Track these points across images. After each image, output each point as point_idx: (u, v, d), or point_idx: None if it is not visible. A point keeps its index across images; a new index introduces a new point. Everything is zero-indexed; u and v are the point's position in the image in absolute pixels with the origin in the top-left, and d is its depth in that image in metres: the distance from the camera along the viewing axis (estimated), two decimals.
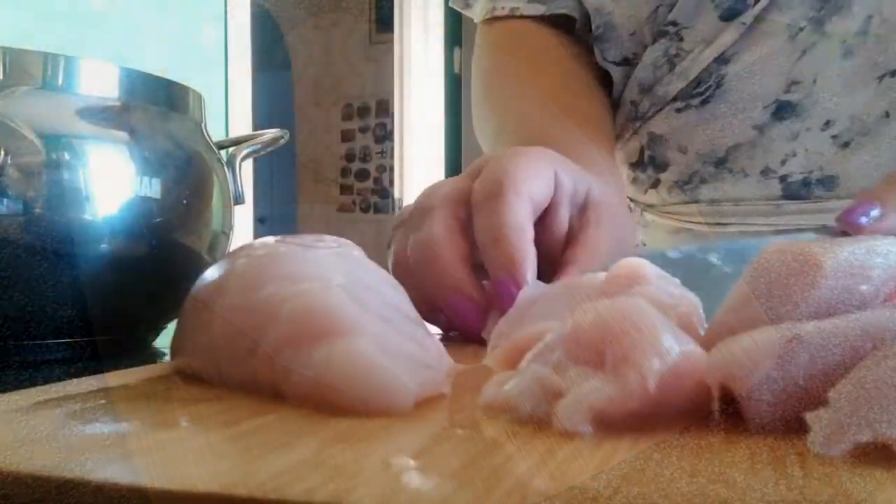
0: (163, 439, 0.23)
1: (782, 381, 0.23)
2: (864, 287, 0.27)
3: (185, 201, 0.50)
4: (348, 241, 0.37)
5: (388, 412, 0.25)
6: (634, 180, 0.74)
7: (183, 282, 0.36)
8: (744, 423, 0.24)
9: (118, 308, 0.49)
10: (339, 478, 0.19)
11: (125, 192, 0.45)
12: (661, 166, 0.71)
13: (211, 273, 0.34)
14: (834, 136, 0.62)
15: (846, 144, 0.62)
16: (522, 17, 0.70)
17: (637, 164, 0.73)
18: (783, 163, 0.64)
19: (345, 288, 0.30)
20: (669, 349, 0.24)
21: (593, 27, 0.69)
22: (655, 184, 0.72)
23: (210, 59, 2.36)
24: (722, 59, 0.63)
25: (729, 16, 0.62)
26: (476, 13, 0.76)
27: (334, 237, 0.37)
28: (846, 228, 0.43)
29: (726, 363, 0.24)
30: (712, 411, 0.24)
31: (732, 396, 0.24)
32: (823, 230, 0.62)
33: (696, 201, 0.69)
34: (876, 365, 0.22)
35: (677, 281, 0.34)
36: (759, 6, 0.61)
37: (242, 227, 2.38)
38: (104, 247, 0.45)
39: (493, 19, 0.73)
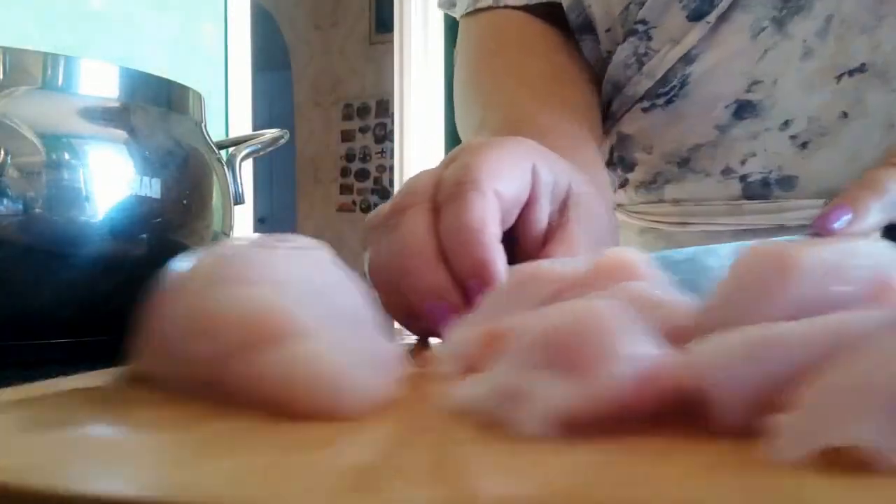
0: (110, 443, 0.23)
1: (752, 383, 0.23)
2: (842, 289, 0.26)
3: (184, 201, 0.50)
4: (317, 242, 0.36)
5: (339, 415, 0.25)
6: None
7: None
8: (714, 426, 0.23)
9: (118, 308, 0.49)
10: (287, 484, 0.18)
11: (125, 192, 0.45)
12: (629, 166, 0.71)
13: (167, 274, 0.34)
14: (792, 137, 0.63)
15: (804, 145, 0.62)
16: (506, 7, 0.70)
17: (608, 164, 0.73)
18: (743, 163, 0.64)
19: (294, 290, 0.29)
20: (639, 354, 0.23)
21: (571, 21, 0.69)
22: (624, 183, 0.72)
23: (210, 59, 2.36)
24: (687, 59, 0.64)
25: (696, 16, 0.62)
26: (458, 10, 0.75)
27: (307, 238, 0.37)
28: (820, 233, 0.43)
29: (695, 364, 0.23)
30: (684, 414, 0.23)
31: (703, 399, 0.23)
32: (781, 231, 0.63)
33: (661, 201, 0.69)
34: (845, 368, 0.21)
35: (665, 280, 0.33)
36: (722, 5, 0.61)
37: (242, 227, 2.39)
38: (104, 247, 0.45)
39: (475, 11, 0.72)
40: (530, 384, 0.24)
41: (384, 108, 4.43)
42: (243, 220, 2.37)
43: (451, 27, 3.83)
